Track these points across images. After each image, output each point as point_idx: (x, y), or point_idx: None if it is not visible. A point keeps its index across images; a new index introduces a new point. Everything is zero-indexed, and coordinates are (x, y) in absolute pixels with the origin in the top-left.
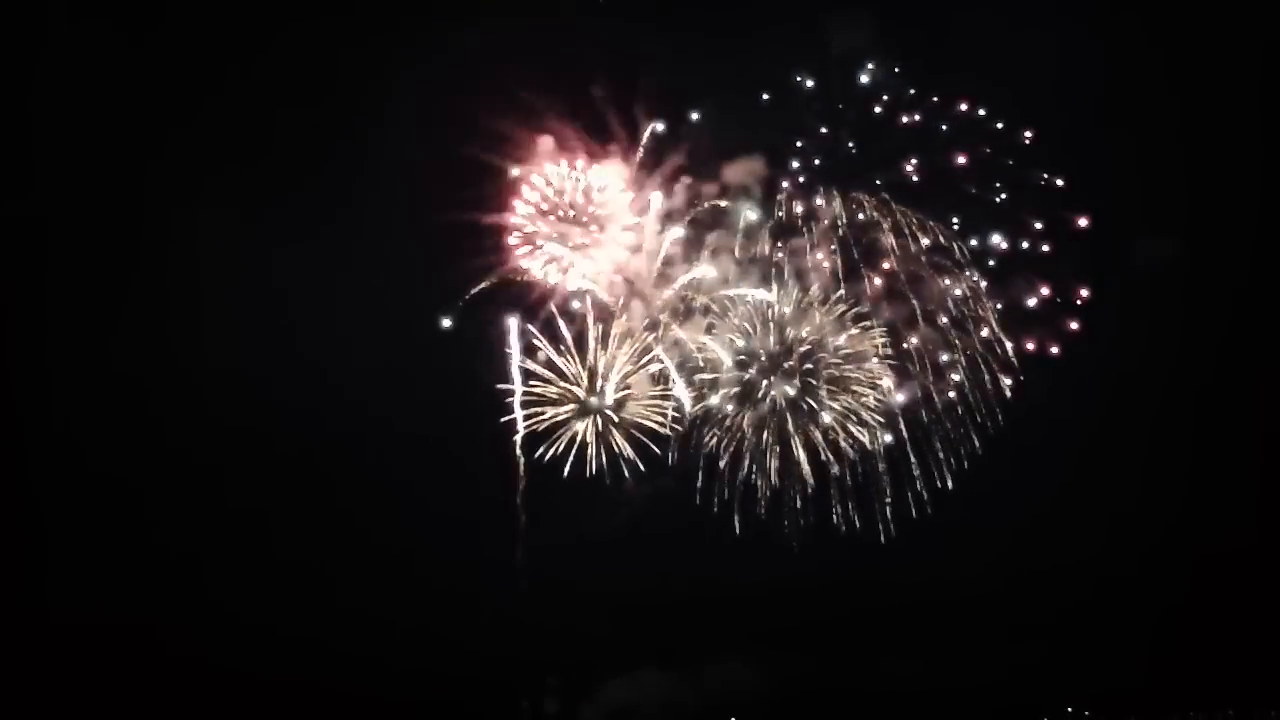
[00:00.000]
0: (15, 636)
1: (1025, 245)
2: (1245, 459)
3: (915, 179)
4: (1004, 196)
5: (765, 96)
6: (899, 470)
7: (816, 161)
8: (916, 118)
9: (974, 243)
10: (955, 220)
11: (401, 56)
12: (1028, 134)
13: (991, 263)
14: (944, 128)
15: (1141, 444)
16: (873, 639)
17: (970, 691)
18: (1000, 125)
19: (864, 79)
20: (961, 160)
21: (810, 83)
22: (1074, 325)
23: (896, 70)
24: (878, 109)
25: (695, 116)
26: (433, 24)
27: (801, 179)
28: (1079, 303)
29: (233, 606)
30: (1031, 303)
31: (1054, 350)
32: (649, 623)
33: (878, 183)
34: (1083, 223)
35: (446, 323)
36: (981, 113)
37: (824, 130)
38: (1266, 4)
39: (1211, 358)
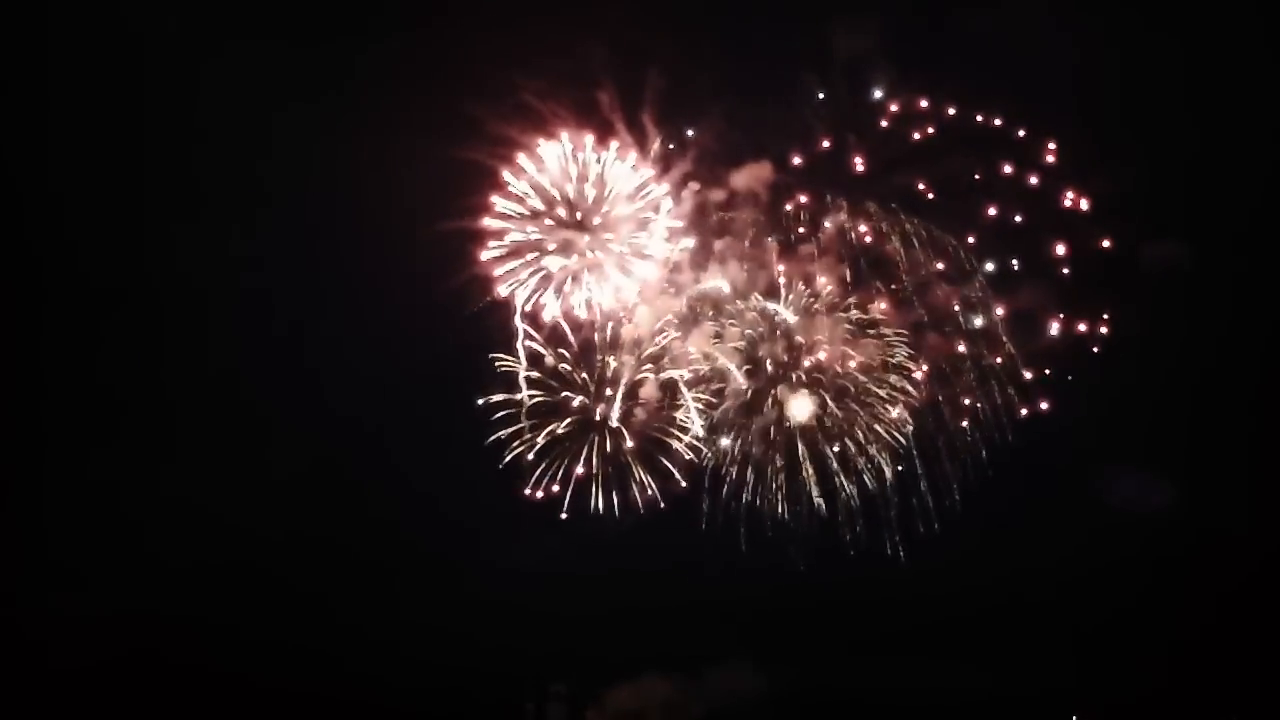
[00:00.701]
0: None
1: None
2: (1252, 467)
3: (929, 195)
4: (1021, 219)
5: (774, 104)
6: (907, 485)
7: (825, 171)
8: (930, 130)
9: (989, 264)
10: (970, 239)
11: (403, 58)
12: (1051, 146)
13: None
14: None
15: (1145, 451)
16: (877, 648)
17: (974, 700)
18: (1021, 134)
19: (877, 92)
20: (976, 176)
21: (821, 95)
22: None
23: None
24: (885, 121)
25: (705, 122)
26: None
27: (807, 193)
28: (1104, 330)
29: (234, 613)
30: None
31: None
32: (654, 628)
33: (892, 201)
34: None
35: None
36: (997, 123)
37: (828, 142)
38: None
39: (1214, 365)
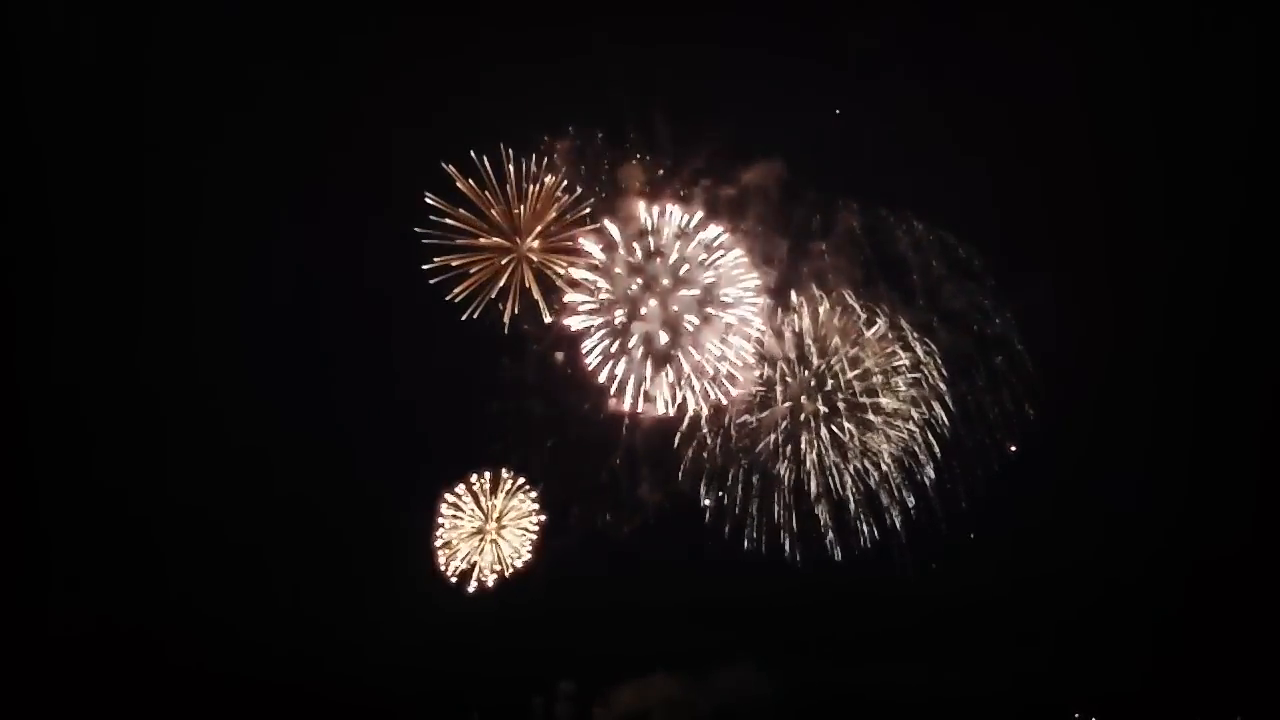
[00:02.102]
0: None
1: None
2: (1246, 463)
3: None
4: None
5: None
6: (914, 489)
7: (836, 174)
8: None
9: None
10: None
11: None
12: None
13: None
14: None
15: (1141, 450)
16: (880, 646)
17: (975, 698)
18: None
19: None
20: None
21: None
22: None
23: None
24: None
25: (712, 123)
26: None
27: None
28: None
29: (240, 607)
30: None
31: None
32: (661, 627)
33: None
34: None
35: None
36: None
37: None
38: None
39: (1209, 363)
